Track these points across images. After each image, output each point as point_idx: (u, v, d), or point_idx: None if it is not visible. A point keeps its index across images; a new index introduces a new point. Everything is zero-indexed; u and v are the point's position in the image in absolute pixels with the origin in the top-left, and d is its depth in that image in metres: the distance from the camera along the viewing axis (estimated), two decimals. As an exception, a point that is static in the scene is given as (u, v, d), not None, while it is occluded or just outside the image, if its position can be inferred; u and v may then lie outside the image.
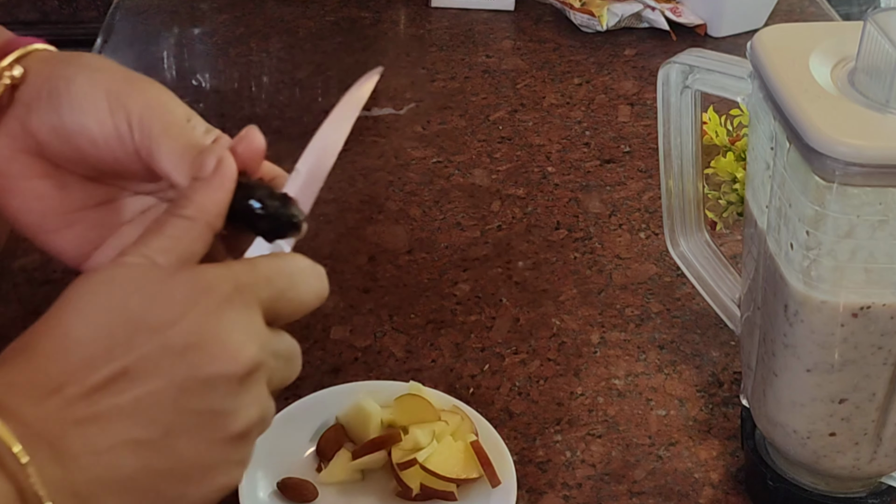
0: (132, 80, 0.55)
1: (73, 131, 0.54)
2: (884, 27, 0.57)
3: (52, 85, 0.55)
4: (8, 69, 0.55)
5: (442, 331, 0.85)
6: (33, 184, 0.56)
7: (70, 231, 0.58)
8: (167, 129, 0.53)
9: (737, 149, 0.78)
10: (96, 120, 0.54)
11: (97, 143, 0.54)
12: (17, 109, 0.55)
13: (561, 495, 0.72)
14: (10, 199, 0.56)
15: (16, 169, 0.56)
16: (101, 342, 0.45)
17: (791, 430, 0.66)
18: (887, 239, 0.57)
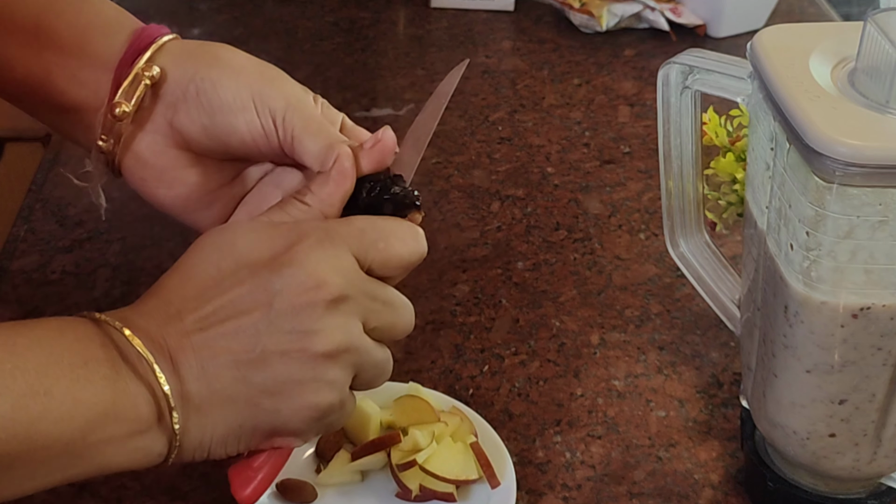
0: (270, 77, 0.61)
1: (223, 131, 0.60)
2: (884, 27, 0.57)
3: (199, 87, 0.60)
4: (146, 69, 0.60)
5: (441, 332, 0.85)
6: (180, 173, 0.62)
7: (210, 208, 0.64)
8: (307, 126, 0.60)
9: (737, 149, 0.78)
10: (245, 121, 0.60)
11: (245, 140, 0.60)
12: (163, 108, 0.60)
13: (561, 496, 0.72)
14: (159, 189, 0.63)
15: (164, 161, 0.61)
16: (213, 278, 0.54)
17: (791, 431, 0.66)
18: (887, 240, 0.57)
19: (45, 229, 0.93)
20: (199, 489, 0.71)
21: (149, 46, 0.61)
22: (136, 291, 0.86)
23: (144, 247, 0.91)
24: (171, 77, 0.61)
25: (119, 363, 0.52)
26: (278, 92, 0.60)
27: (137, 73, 0.60)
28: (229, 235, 0.55)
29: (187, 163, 0.62)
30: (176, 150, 0.62)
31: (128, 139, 0.61)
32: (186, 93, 0.60)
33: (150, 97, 0.61)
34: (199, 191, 0.63)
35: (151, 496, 0.70)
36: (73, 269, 0.89)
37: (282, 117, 0.60)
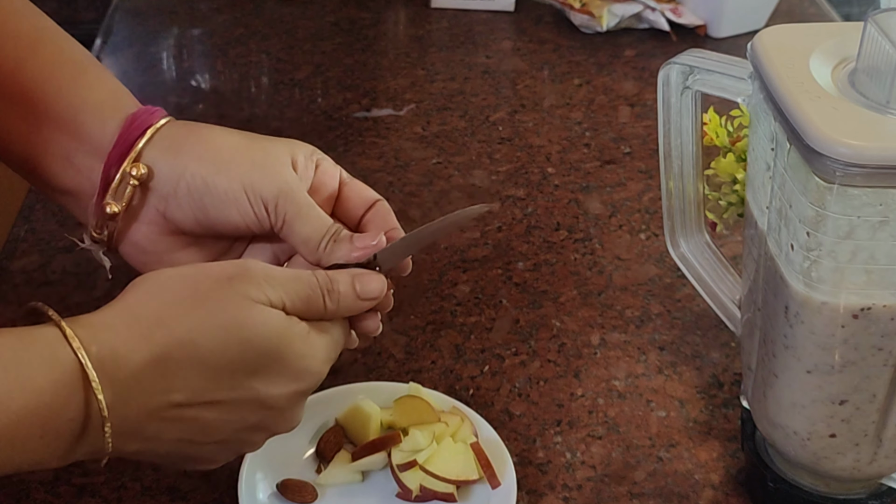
0: (260, 164, 0.62)
1: (217, 222, 0.62)
2: (884, 28, 0.57)
3: (189, 184, 0.61)
4: (133, 168, 0.61)
5: (442, 332, 0.85)
6: (177, 255, 0.64)
7: None
8: (299, 213, 0.62)
9: (737, 150, 0.78)
10: (239, 212, 0.61)
11: (239, 227, 0.62)
12: (154, 200, 0.62)
13: (561, 497, 0.72)
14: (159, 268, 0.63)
15: (161, 247, 0.64)
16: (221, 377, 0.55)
17: (791, 432, 0.66)
18: (888, 240, 0.57)
19: (46, 229, 0.93)
20: (199, 489, 0.71)
21: (139, 138, 0.62)
22: (137, 292, 0.86)
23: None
24: (159, 173, 0.62)
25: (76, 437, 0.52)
26: (270, 180, 0.62)
27: (125, 173, 0.62)
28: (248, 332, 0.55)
29: (183, 244, 0.64)
30: (171, 237, 0.64)
31: (122, 230, 0.64)
32: (177, 188, 0.62)
33: (141, 192, 0.63)
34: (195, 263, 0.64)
35: (151, 496, 0.70)
36: (74, 269, 0.89)
37: (274, 205, 0.62)
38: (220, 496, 0.70)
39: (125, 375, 0.53)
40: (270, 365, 0.56)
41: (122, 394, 0.52)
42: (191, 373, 0.54)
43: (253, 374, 0.56)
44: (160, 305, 0.55)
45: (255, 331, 0.55)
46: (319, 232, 0.62)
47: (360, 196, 0.66)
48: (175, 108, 1.11)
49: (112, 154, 0.62)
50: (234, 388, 0.56)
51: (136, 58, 1.21)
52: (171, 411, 0.54)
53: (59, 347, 0.52)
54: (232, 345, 0.55)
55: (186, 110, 1.11)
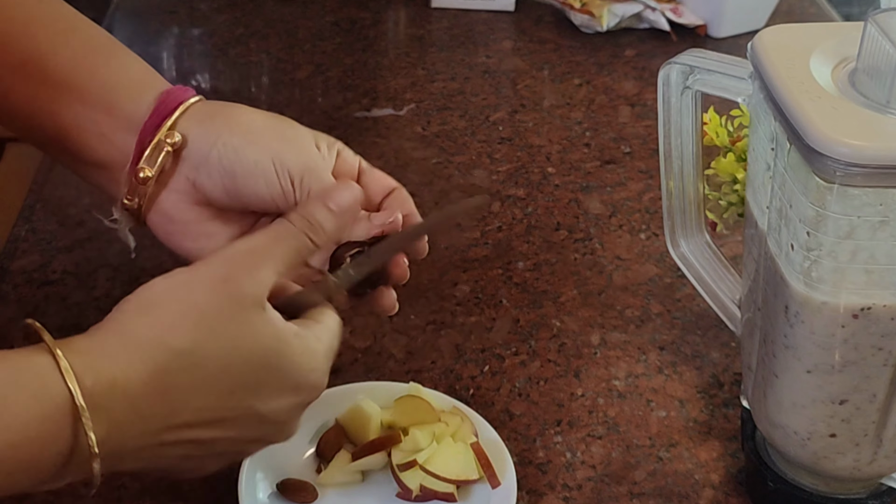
0: (288, 139, 0.64)
1: (244, 192, 0.63)
2: (884, 28, 0.57)
3: (221, 153, 0.63)
4: (168, 136, 0.63)
5: (442, 332, 0.85)
6: (203, 227, 0.65)
7: None
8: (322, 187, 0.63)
9: (737, 149, 0.78)
10: (266, 183, 0.63)
11: (265, 199, 0.63)
12: (185, 169, 0.64)
13: (561, 496, 0.72)
14: (185, 241, 0.66)
15: (189, 217, 0.65)
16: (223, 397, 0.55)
17: (791, 432, 0.66)
18: (888, 240, 0.57)
19: (46, 229, 0.93)
20: (200, 489, 0.71)
21: (173, 111, 0.64)
22: (137, 291, 0.86)
23: (145, 247, 0.91)
24: (193, 142, 0.64)
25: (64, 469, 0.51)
26: (296, 155, 0.63)
27: (160, 140, 0.64)
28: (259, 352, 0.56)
29: (210, 216, 0.66)
30: (198, 207, 0.65)
31: (152, 197, 0.65)
32: (209, 157, 0.63)
33: (173, 160, 0.64)
34: (222, 240, 0.66)
35: (151, 496, 0.70)
36: (74, 269, 0.89)
37: (299, 179, 0.63)
38: (220, 496, 0.70)
39: (124, 406, 0.52)
40: (271, 379, 0.56)
41: (119, 425, 0.52)
42: (193, 395, 0.54)
43: (254, 391, 0.56)
44: (156, 322, 0.54)
45: (256, 343, 0.55)
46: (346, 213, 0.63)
47: (378, 184, 0.68)
48: (175, 107, 1.11)
49: (147, 124, 0.64)
50: (236, 407, 0.56)
51: (136, 58, 1.21)
52: (170, 435, 0.54)
53: (50, 379, 0.50)
54: (234, 362, 0.55)
55: (186, 110, 1.11)
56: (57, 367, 0.50)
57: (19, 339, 0.54)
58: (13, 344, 0.81)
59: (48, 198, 0.97)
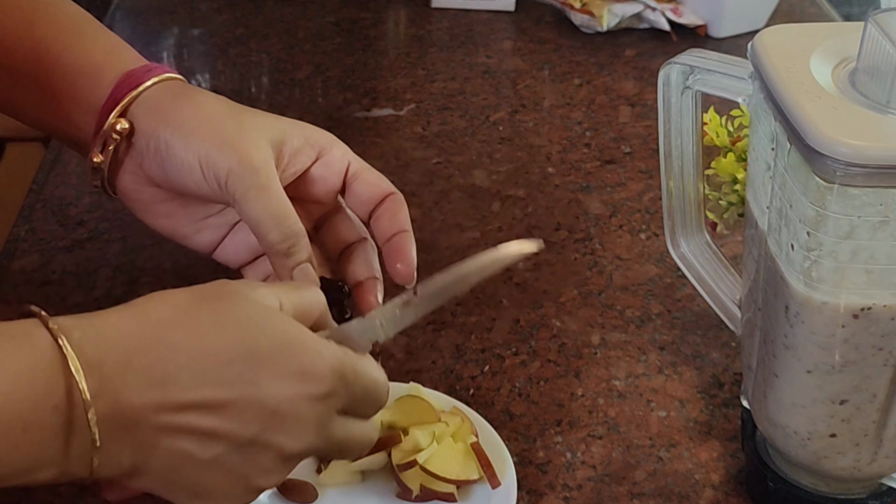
0: (223, 136, 0.61)
1: (176, 185, 0.63)
2: (885, 28, 0.57)
3: (155, 145, 0.63)
4: (115, 124, 0.63)
5: (442, 332, 0.84)
6: (162, 206, 0.66)
7: (199, 234, 0.67)
8: (247, 192, 0.60)
9: (737, 149, 0.78)
10: (192, 180, 0.62)
11: (197, 193, 0.63)
12: (134, 154, 0.64)
13: (561, 497, 0.72)
14: (147, 216, 0.66)
15: (145, 197, 0.66)
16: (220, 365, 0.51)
17: (791, 432, 0.66)
18: (888, 240, 0.57)
19: (46, 229, 0.93)
20: (200, 489, 0.71)
21: (125, 96, 0.64)
22: (137, 292, 0.86)
23: (145, 247, 0.91)
24: (138, 130, 0.64)
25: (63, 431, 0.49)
26: (226, 156, 0.61)
27: (108, 127, 0.64)
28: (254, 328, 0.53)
29: (167, 198, 0.65)
30: (150, 187, 0.65)
31: (111, 180, 0.66)
32: (147, 147, 0.63)
33: (126, 144, 0.64)
34: (185, 220, 0.66)
35: (152, 496, 0.70)
36: (74, 269, 0.89)
37: (224, 180, 0.61)
38: (220, 496, 0.70)
39: (115, 361, 0.50)
40: (272, 355, 0.53)
41: (110, 382, 0.49)
42: (188, 357, 0.51)
43: (254, 364, 0.52)
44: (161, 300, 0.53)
45: (257, 312, 0.53)
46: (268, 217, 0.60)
47: (370, 189, 0.64)
48: (175, 107, 1.11)
49: (102, 109, 0.64)
50: (234, 383, 0.52)
51: (136, 58, 1.21)
52: (165, 416, 0.51)
53: (35, 331, 0.49)
54: (233, 326, 0.52)
55: (187, 110, 1.11)
56: (42, 325, 0.50)
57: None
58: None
59: (48, 198, 0.97)
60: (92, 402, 0.48)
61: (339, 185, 0.65)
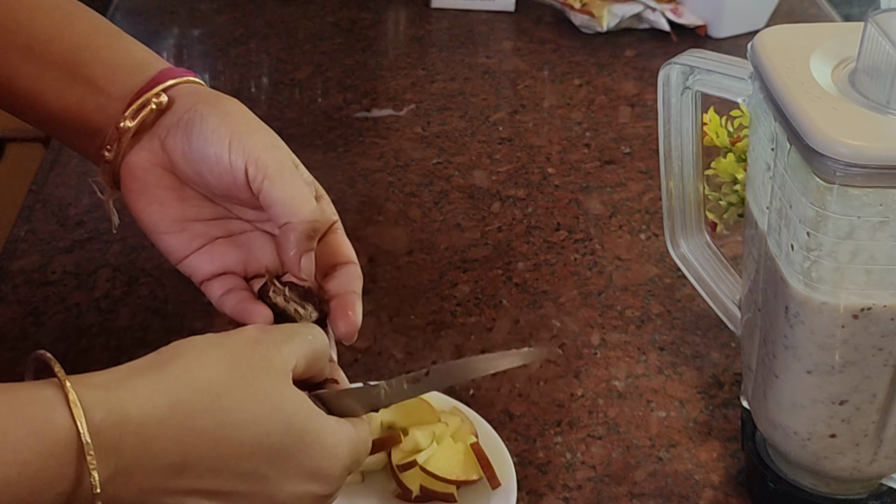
0: (256, 127, 0.63)
1: (196, 158, 0.63)
2: (884, 28, 0.57)
3: (190, 116, 0.63)
4: (156, 97, 0.64)
5: (442, 332, 0.84)
6: (161, 192, 0.65)
7: (178, 235, 0.65)
8: (280, 170, 0.61)
9: (737, 150, 0.78)
10: (215, 152, 0.62)
11: (213, 170, 0.62)
12: (159, 130, 0.64)
13: (561, 497, 0.72)
14: (139, 201, 0.65)
15: (150, 178, 0.65)
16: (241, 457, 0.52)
17: (791, 432, 0.65)
18: (888, 240, 0.57)
19: (46, 229, 0.93)
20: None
21: (167, 80, 0.65)
22: (137, 292, 0.86)
23: (145, 247, 0.91)
24: (175, 106, 0.65)
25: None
26: (258, 138, 0.62)
27: (147, 98, 0.64)
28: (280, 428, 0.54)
29: (168, 184, 0.65)
30: (161, 169, 0.65)
31: (125, 151, 0.65)
32: (180, 120, 0.64)
33: (153, 119, 0.65)
34: (174, 214, 0.66)
35: None
36: (74, 270, 0.89)
37: (255, 158, 0.61)
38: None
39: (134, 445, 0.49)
40: (292, 454, 0.54)
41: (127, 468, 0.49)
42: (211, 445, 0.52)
43: (273, 461, 0.54)
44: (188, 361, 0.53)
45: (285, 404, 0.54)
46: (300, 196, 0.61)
47: (340, 248, 0.65)
48: (175, 108, 1.11)
49: (143, 89, 0.65)
50: (249, 476, 0.53)
51: (136, 58, 1.21)
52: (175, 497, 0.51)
53: (56, 413, 0.48)
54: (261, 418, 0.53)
55: (186, 110, 1.11)
56: (64, 400, 0.48)
57: (29, 374, 0.52)
58: (13, 347, 0.81)
59: (48, 198, 0.97)
60: (101, 491, 0.48)
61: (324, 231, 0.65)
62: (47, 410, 0.47)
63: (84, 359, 0.80)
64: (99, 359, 0.80)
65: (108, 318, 0.84)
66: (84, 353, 0.80)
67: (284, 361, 0.56)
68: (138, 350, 0.54)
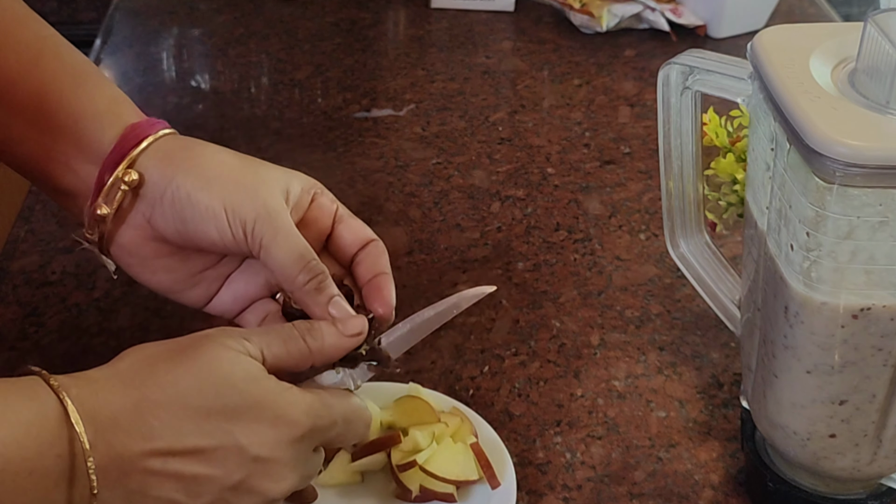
0: (245, 186, 0.62)
1: (195, 236, 0.63)
2: (884, 28, 0.57)
3: (174, 194, 0.62)
4: (125, 174, 0.63)
5: (441, 332, 0.84)
6: (162, 262, 0.65)
7: (195, 289, 0.66)
8: (275, 237, 0.62)
9: (737, 150, 0.78)
10: (217, 229, 0.62)
11: (216, 244, 0.63)
12: (142, 206, 0.64)
13: (561, 497, 0.72)
14: (144, 273, 0.66)
15: (146, 251, 0.65)
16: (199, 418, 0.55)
17: (791, 432, 0.66)
18: (887, 240, 0.57)
19: (46, 230, 0.93)
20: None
21: (133, 148, 0.64)
22: (137, 292, 0.86)
23: (145, 247, 0.91)
24: (150, 180, 0.63)
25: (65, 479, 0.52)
26: (251, 202, 0.62)
27: (117, 178, 0.63)
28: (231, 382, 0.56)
29: (168, 252, 0.65)
30: (155, 243, 0.65)
31: (111, 232, 0.65)
32: (163, 197, 0.63)
33: (131, 197, 0.64)
34: (183, 275, 0.66)
35: None
36: (74, 270, 0.89)
37: (251, 227, 0.62)
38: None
39: (105, 416, 0.53)
40: (247, 407, 0.56)
41: (103, 435, 0.53)
42: (169, 413, 0.54)
43: (231, 418, 0.55)
44: (140, 359, 0.56)
45: (231, 371, 0.56)
46: (296, 258, 0.62)
47: (354, 234, 0.66)
48: (175, 108, 1.11)
49: (108, 160, 0.64)
50: (214, 433, 0.55)
51: (136, 58, 1.21)
52: (152, 461, 0.54)
53: (39, 388, 0.53)
54: (208, 383, 0.55)
55: (186, 110, 1.11)
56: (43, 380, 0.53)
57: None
58: (13, 347, 0.81)
59: (47, 198, 0.97)
60: (91, 451, 0.52)
61: (328, 229, 0.66)
62: (33, 387, 0.52)
63: (84, 359, 0.80)
64: (99, 359, 0.80)
65: (108, 318, 0.84)
66: (84, 353, 0.80)
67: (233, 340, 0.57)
68: (138, 350, 0.55)
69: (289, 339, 0.60)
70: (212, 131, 1.08)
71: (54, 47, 0.66)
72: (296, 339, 0.60)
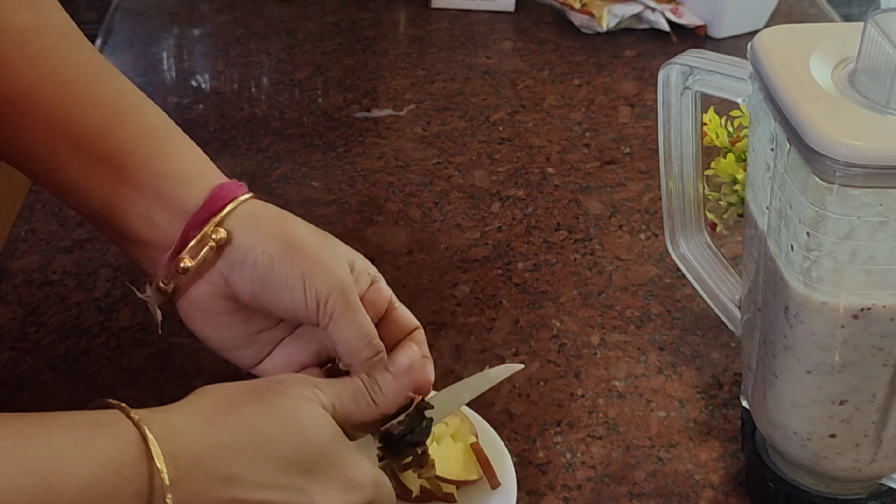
0: (321, 258, 0.64)
1: (270, 300, 0.64)
2: (884, 28, 0.57)
3: (257, 258, 0.64)
4: (214, 232, 0.64)
5: (442, 332, 0.85)
6: (227, 318, 0.66)
7: (249, 349, 0.67)
8: (346, 311, 0.63)
9: (737, 150, 0.78)
10: (292, 297, 0.64)
11: (288, 310, 0.64)
12: (222, 265, 0.65)
13: (561, 497, 0.72)
14: (206, 328, 0.67)
15: (214, 307, 0.66)
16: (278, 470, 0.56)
17: (791, 432, 0.66)
18: (888, 240, 0.57)
19: (46, 229, 0.94)
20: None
21: (223, 207, 0.65)
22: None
23: (145, 247, 0.91)
24: (235, 241, 0.65)
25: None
26: (327, 276, 0.64)
27: (206, 235, 0.64)
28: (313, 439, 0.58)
29: (234, 310, 0.66)
30: (225, 300, 0.66)
31: (185, 285, 0.66)
32: (246, 260, 0.64)
33: (214, 253, 0.65)
34: (241, 333, 0.67)
35: None
36: (74, 270, 0.89)
37: (325, 299, 0.63)
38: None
39: (187, 455, 0.54)
40: (324, 465, 0.58)
41: (183, 473, 0.54)
42: (251, 460, 0.56)
43: (308, 472, 0.57)
44: (220, 398, 0.58)
45: (310, 423, 0.58)
46: (362, 334, 0.64)
47: (403, 323, 0.67)
48: (175, 108, 1.11)
49: (195, 217, 0.64)
50: (291, 487, 0.57)
51: (136, 58, 1.21)
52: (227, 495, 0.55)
53: (120, 422, 0.53)
54: (291, 434, 0.57)
55: (186, 110, 1.11)
56: (124, 414, 0.54)
57: None
58: (14, 347, 0.81)
59: (48, 198, 0.97)
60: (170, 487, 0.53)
61: (383, 312, 0.67)
62: (114, 421, 0.53)
63: (84, 359, 0.80)
64: (99, 359, 0.80)
65: (108, 318, 0.84)
66: (84, 353, 0.80)
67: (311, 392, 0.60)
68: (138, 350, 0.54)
69: (357, 391, 0.62)
70: (212, 131, 1.08)
71: (136, 105, 0.67)
72: (362, 392, 0.62)
